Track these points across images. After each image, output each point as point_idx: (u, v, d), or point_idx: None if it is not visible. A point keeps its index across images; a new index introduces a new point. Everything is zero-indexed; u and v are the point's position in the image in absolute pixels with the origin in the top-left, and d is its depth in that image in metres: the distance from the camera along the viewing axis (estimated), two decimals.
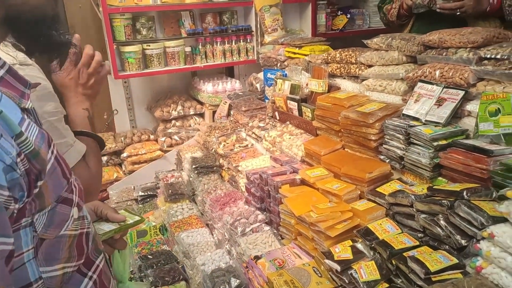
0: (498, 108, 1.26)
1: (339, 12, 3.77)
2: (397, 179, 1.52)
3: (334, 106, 1.84)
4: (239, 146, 2.48)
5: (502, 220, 1.00)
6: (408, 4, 2.10)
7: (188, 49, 3.01)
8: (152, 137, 3.21)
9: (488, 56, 1.35)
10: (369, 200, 1.47)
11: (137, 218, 1.15)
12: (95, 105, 3.35)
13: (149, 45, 2.87)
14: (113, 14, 2.72)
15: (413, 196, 1.26)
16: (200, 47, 3.06)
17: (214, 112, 3.12)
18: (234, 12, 3.22)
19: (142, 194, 2.70)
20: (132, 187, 2.83)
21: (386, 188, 1.44)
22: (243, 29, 3.16)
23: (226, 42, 3.11)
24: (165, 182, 2.58)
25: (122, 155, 3.06)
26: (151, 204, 2.61)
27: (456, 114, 1.42)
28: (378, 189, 1.46)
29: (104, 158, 3.09)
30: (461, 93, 1.38)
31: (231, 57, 3.15)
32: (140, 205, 2.64)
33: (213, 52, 3.11)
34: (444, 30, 1.52)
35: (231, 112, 2.90)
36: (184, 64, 3.03)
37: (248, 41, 3.19)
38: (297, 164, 1.89)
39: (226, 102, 2.95)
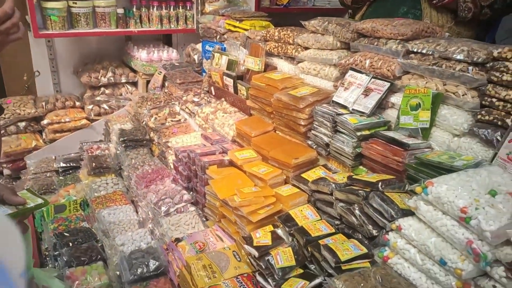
0: (419, 103, 1.30)
1: None
2: (322, 165, 1.54)
3: (268, 87, 1.80)
4: (172, 121, 2.38)
5: (411, 213, 1.04)
6: None
7: (120, 10, 2.78)
8: (78, 104, 2.97)
9: (415, 50, 1.38)
10: (293, 185, 1.48)
11: (39, 201, 1.05)
12: (13, 64, 3.03)
13: (76, 3, 2.60)
14: None
15: (333, 185, 1.28)
16: (134, 9, 2.84)
17: (148, 82, 2.95)
18: None
19: (64, 165, 2.52)
20: (53, 157, 2.63)
21: (311, 175, 1.46)
22: None
23: (164, 7, 2.92)
24: (90, 154, 2.42)
25: (42, 121, 2.81)
26: (73, 176, 2.45)
27: (381, 105, 1.45)
28: (303, 175, 1.47)
29: (22, 124, 2.82)
30: (387, 84, 1.41)
31: (169, 24, 2.97)
32: (61, 177, 2.46)
33: (149, 17, 2.91)
34: (377, 19, 1.53)
35: (166, 84, 2.76)
36: (115, 27, 2.80)
37: (188, 8, 3.02)
38: (228, 144, 1.85)
39: (161, 72, 2.80)
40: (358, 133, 1.36)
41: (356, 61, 1.56)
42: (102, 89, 2.95)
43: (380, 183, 1.17)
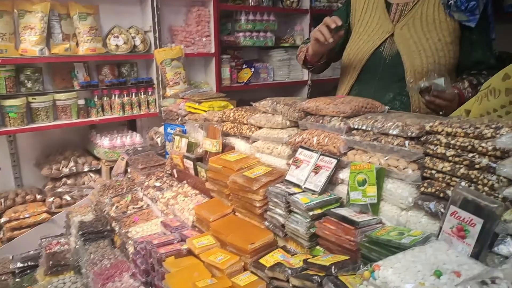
0: (365, 179, 1.31)
1: (244, 65, 3.89)
2: (281, 247, 1.50)
3: (224, 168, 1.80)
4: (133, 208, 2.32)
5: None
6: (314, 50, 2.00)
7: (82, 101, 2.84)
8: (39, 197, 2.89)
9: (356, 126, 1.43)
10: (252, 272, 1.42)
11: None
12: None
13: (36, 98, 2.64)
14: None
15: (289, 270, 1.24)
16: (96, 99, 2.90)
17: (111, 169, 2.93)
18: (134, 65, 3.15)
19: (21, 265, 2.37)
20: (10, 257, 2.48)
21: (269, 259, 1.41)
22: (143, 82, 3.08)
23: (125, 94, 3.00)
24: (48, 250, 2.30)
25: (0, 220, 2.70)
26: (31, 277, 2.29)
27: (332, 182, 1.46)
28: (261, 260, 1.42)
29: None
30: (334, 161, 1.43)
31: (131, 110, 3.03)
32: (17, 279, 2.30)
33: (111, 105, 2.97)
34: (320, 98, 1.60)
35: (128, 169, 2.74)
36: (76, 118, 2.84)
37: (150, 93, 3.11)
38: (188, 230, 1.80)
39: (123, 158, 2.79)
40: (310, 213, 1.34)
41: (304, 139, 1.59)
42: (63, 179, 2.90)
43: (333, 267, 1.13)
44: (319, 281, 1.12)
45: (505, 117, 1.18)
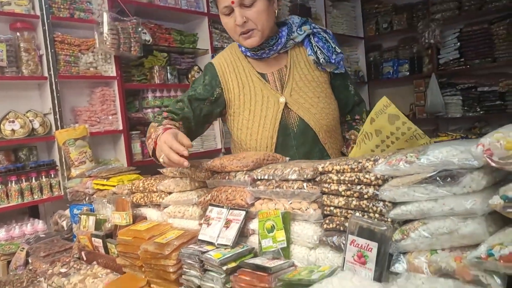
0: (273, 225, 1.36)
1: None
2: None
3: (135, 239, 1.72)
4: None
5: None
6: (160, 161, 1.64)
7: None
8: None
9: (259, 177, 1.50)
10: None
11: None
12: None
13: None
14: None
15: None
16: None
17: (9, 263, 2.58)
18: (33, 148, 2.98)
19: None
20: None
21: None
22: (44, 165, 2.90)
23: (24, 179, 2.78)
24: None
25: None
26: None
27: (243, 234, 1.48)
28: None
29: None
30: (243, 213, 1.46)
31: (31, 196, 2.79)
32: None
33: (7, 193, 2.71)
34: (224, 156, 1.66)
35: (29, 260, 2.44)
36: None
37: (52, 176, 2.92)
38: None
39: (23, 248, 2.50)
40: (224, 267, 1.32)
41: (213, 197, 1.61)
42: None
43: None
44: None
45: (381, 154, 1.35)
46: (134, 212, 2.05)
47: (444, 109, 5.93)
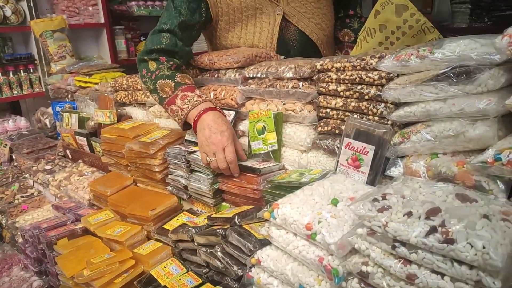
0: (264, 126, 1.27)
1: (142, 38, 3.63)
2: (187, 210, 1.41)
3: (119, 137, 1.65)
4: (22, 197, 2.04)
5: (268, 243, 0.96)
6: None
7: None
8: None
9: (251, 75, 1.37)
10: (157, 240, 1.31)
11: None
12: None
13: None
14: None
15: (193, 229, 1.16)
16: None
17: None
18: (7, 39, 2.74)
19: None
20: None
21: (173, 224, 1.31)
22: (22, 58, 2.69)
23: (1, 73, 2.60)
24: None
25: None
26: None
27: None
28: (165, 226, 1.32)
29: None
30: (232, 113, 1.37)
31: (10, 91, 2.64)
32: None
33: None
34: (213, 52, 1.52)
35: (13, 156, 2.40)
36: None
37: (31, 71, 2.74)
38: (83, 209, 1.62)
39: (6, 145, 2.44)
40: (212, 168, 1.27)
41: None
42: None
43: (236, 217, 1.08)
44: (224, 233, 1.06)
45: (386, 51, 1.21)
46: (119, 111, 1.95)
47: (450, 18, 5.59)
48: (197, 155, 1.31)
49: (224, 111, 1.40)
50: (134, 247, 1.28)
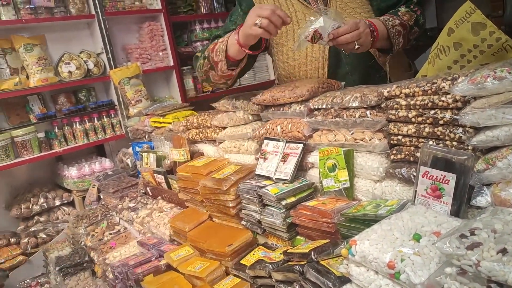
0: (334, 164, 1.26)
1: None
2: (262, 244, 1.43)
3: (194, 175, 1.73)
4: (110, 234, 2.21)
5: (348, 280, 0.94)
6: (257, 33, 1.40)
7: (41, 134, 2.72)
8: (13, 240, 2.74)
9: (317, 107, 1.38)
10: (235, 275, 1.34)
11: None
12: None
13: None
14: None
15: (270, 265, 1.17)
16: (56, 130, 2.79)
17: (84, 198, 2.81)
18: (91, 89, 3.05)
19: None
20: None
21: (250, 258, 1.33)
22: (104, 105, 2.98)
23: (87, 120, 2.89)
24: None
25: None
26: None
27: (302, 167, 1.40)
28: (242, 261, 1.34)
29: None
30: (300, 146, 1.38)
31: (96, 136, 2.92)
32: None
33: (74, 134, 2.86)
34: (274, 88, 1.55)
35: (101, 196, 2.62)
36: (39, 152, 2.71)
37: (113, 116, 3.01)
38: (165, 245, 1.71)
39: (94, 185, 2.68)
40: (283, 202, 1.28)
41: (268, 130, 1.54)
42: (35, 217, 2.76)
43: (312, 253, 1.07)
44: (301, 270, 1.06)
45: (460, 72, 1.15)
46: (191, 148, 2.06)
47: None
48: (268, 190, 1.33)
49: (292, 144, 1.41)
50: (214, 283, 1.32)
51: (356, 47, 1.43)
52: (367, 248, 0.85)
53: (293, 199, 1.30)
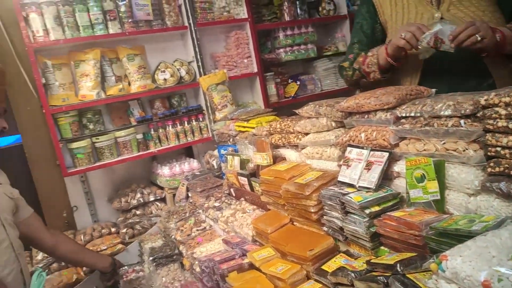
0: (423, 174, 1.22)
1: (289, 80, 3.89)
2: (343, 252, 1.43)
3: (276, 179, 1.79)
4: (197, 230, 2.37)
5: None
6: (400, 44, 1.61)
7: (140, 136, 3.01)
8: (114, 229, 3.07)
9: (404, 115, 1.34)
10: (316, 280, 1.36)
11: None
12: (52, 202, 3.20)
13: (98, 138, 2.86)
14: (57, 113, 2.73)
15: (352, 274, 1.17)
16: (152, 132, 3.06)
17: (174, 196, 3.04)
18: (182, 95, 3.29)
19: None
20: (94, 287, 2.63)
21: (331, 265, 1.34)
22: (193, 110, 3.20)
23: (178, 124, 3.13)
24: (125, 279, 2.41)
25: None
26: None
27: (387, 176, 1.38)
28: (323, 267, 1.36)
29: None
30: (386, 154, 1.35)
31: (185, 138, 3.15)
32: None
33: (167, 136, 3.11)
34: (359, 95, 1.53)
35: (189, 194, 2.82)
36: (137, 151, 3.00)
37: (201, 120, 3.22)
38: (248, 245, 1.79)
39: (183, 184, 2.88)
40: (367, 211, 1.27)
41: (352, 137, 1.53)
42: (133, 211, 3.06)
43: (398, 265, 1.05)
44: (385, 281, 1.04)
45: None
46: (274, 152, 2.12)
47: None
48: (351, 197, 1.33)
49: (376, 152, 1.39)
50: (295, 286, 1.36)
51: (478, 38, 1.47)
52: (460, 264, 0.82)
53: (377, 208, 1.28)
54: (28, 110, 3.02)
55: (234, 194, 2.42)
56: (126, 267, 2.62)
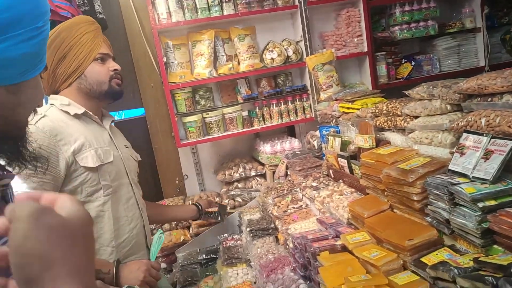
0: None
1: (403, 60, 3.62)
2: (448, 246, 1.31)
3: (377, 163, 1.71)
4: (293, 207, 2.41)
5: None
6: None
7: (245, 113, 3.13)
8: (217, 199, 3.29)
9: None
10: (413, 271, 1.28)
11: None
12: (167, 170, 3.56)
13: (208, 114, 3.06)
14: (175, 90, 2.98)
15: (456, 270, 1.07)
16: (257, 110, 3.16)
17: (274, 172, 3.12)
18: (288, 74, 3.30)
19: (205, 257, 2.73)
20: (198, 250, 2.88)
21: (432, 258, 1.25)
22: (298, 89, 3.20)
23: (282, 103, 3.17)
24: (224, 245, 2.59)
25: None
26: (213, 267, 2.62)
27: (509, 168, 1.21)
28: (423, 259, 1.27)
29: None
30: (510, 143, 1.18)
31: (288, 117, 3.18)
32: (203, 268, 2.67)
33: (270, 114, 3.18)
34: (483, 75, 1.35)
35: (288, 172, 2.86)
36: (242, 128, 3.14)
37: (304, 100, 3.21)
38: (343, 227, 1.76)
39: (283, 162, 2.94)
40: (480, 205, 1.14)
41: (470, 122, 1.37)
42: (235, 183, 3.23)
43: None
44: (495, 283, 0.94)
45: None
46: (377, 135, 2.02)
47: None
48: (461, 188, 1.21)
49: (498, 140, 1.23)
50: (389, 274, 1.29)
51: None
52: None
53: (493, 202, 1.14)
54: (151, 87, 3.38)
55: (332, 176, 2.38)
56: (226, 235, 2.80)
